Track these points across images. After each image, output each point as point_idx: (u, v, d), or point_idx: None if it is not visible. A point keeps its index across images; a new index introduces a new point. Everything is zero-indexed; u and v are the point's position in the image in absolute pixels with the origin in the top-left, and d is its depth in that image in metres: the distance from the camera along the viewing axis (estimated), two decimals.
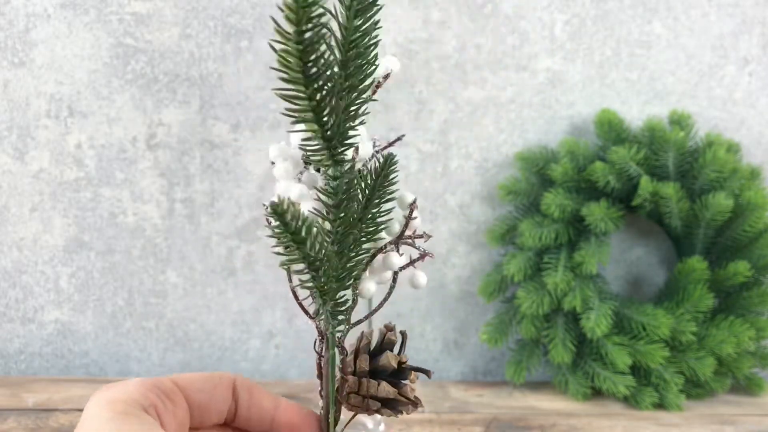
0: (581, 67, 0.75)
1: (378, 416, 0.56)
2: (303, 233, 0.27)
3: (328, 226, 0.30)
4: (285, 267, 0.29)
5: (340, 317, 0.31)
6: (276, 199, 0.25)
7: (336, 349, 0.32)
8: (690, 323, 0.66)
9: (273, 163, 0.31)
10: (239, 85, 0.72)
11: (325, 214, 0.30)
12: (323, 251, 0.28)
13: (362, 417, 0.56)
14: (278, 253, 0.28)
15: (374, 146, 0.31)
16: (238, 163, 0.73)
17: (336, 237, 0.30)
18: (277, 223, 0.26)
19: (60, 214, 0.73)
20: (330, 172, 0.29)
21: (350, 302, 0.31)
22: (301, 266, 0.28)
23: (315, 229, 0.27)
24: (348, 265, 0.30)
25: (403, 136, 0.32)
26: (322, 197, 0.30)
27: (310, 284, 0.29)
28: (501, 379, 0.77)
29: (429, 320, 0.78)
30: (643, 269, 0.79)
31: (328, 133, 0.28)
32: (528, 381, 0.73)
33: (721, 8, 0.75)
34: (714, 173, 0.68)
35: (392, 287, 0.33)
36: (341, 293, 0.31)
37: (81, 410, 0.27)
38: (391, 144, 0.32)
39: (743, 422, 0.65)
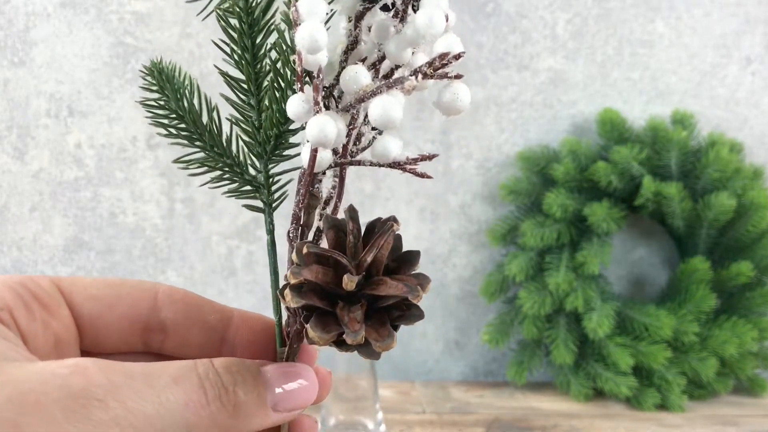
0: (583, 67, 0.74)
1: (379, 416, 0.56)
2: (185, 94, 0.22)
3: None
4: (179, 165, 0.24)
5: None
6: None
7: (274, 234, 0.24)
8: (692, 324, 0.66)
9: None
10: None
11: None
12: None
13: (362, 418, 0.56)
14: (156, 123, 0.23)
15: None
16: None
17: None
18: (156, 82, 0.21)
19: (60, 213, 0.73)
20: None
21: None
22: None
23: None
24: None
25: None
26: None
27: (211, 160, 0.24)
28: (502, 380, 0.77)
29: (430, 320, 0.77)
30: (646, 269, 0.79)
31: None
32: (529, 382, 0.72)
33: (723, 7, 0.75)
34: (717, 173, 0.67)
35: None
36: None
37: None
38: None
39: (746, 423, 0.65)
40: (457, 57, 0.22)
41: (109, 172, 0.72)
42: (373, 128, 0.23)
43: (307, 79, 0.23)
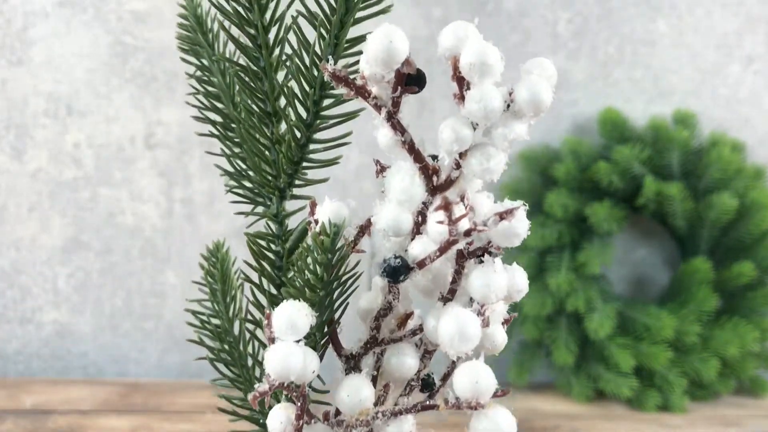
0: (585, 66, 0.74)
1: None
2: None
3: None
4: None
5: None
6: None
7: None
8: (694, 324, 0.66)
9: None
10: None
11: None
12: None
13: None
14: None
15: None
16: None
17: None
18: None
19: (58, 213, 0.72)
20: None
21: None
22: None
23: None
24: None
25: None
26: None
27: None
28: (503, 381, 0.76)
29: None
30: (647, 270, 0.78)
31: None
32: (530, 383, 0.72)
33: (725, 7, 0.74)
34: (718, 173, 0.67)
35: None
36: None
37: (80, 411, 0.26)
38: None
39: (747, 424, 0.64)
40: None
41: (108, 172, 0.72)
42: None
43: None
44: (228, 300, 0.31)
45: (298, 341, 0.23)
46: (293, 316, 0.23)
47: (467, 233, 0.21)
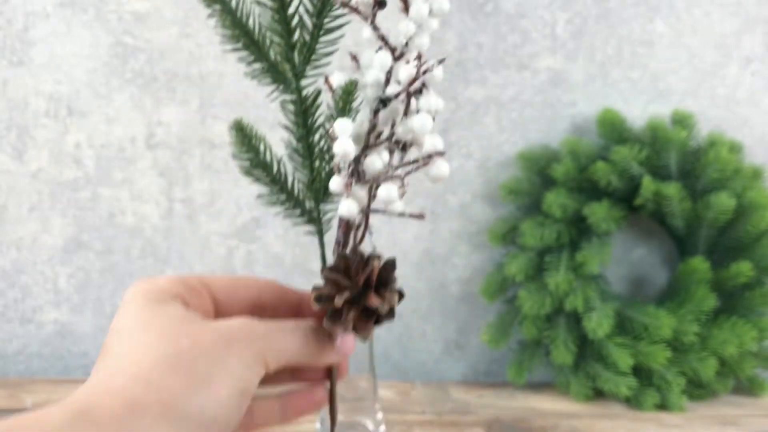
0: (583, 66, 0.74)
1: (379, 416, 0.56)
2: (260, 148, 0.34)
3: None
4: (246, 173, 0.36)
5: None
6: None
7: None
8: (692, 324, 0.66)
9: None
10: (239, 84, 0.72)
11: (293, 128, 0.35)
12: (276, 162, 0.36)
13: (362, 418, 0.56)
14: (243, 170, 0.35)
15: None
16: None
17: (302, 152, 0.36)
18: (237, 137, 0.34)
19: (59, 213, 0.72)
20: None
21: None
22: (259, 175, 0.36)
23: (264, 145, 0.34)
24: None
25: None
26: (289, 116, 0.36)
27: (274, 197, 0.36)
28: (502, 380, 0.77)
29: (430, 321, 0.77)
30: (645, 269, 0.79)
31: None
32: (529, 382, 0.72)
33: (723, 7, 0.75)
34: (716, 173, 0.67)
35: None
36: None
37: None
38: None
39: (746, 423, 0.65)
40: (441, 154, 0.32)
41: (108, 172, 0.72)
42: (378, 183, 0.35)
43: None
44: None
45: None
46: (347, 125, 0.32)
47: (417, 75, 0.33)
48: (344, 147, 0.32)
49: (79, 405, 0.26)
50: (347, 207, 0.32)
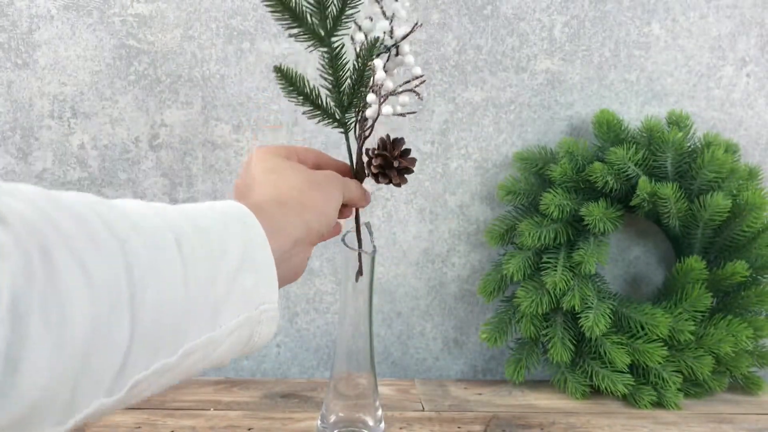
0: (580, 68, 0.75)
1: (379, 413, 0.57)
2: (299, 83, 0.49)
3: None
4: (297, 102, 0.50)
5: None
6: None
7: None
8: (688, 322, 0.66)
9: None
10: (241, 86, 0.72)
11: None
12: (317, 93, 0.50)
13: (362, 415, 0.56)
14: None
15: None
16: (240, 164, 0.73)
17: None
18: (281, 79, 0.48)
19: None
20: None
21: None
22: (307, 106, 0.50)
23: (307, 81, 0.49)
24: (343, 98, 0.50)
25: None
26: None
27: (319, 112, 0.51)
28: (501, 378, 0.77)
29: (429, 319, 0.78)
30: (642, 269, 0.79)
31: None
32: (527, 379, 0.73)
33: (719, 9, 0.75)
34: (712, 173, 0.68)
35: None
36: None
37: None
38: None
39: (741, 421, 0.65)
40: (420, 77, 0.50)
41: (112, 172, 0.73)
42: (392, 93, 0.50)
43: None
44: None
45: None
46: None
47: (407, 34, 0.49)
48: (380, 74, 0.48)
49: (250, 204, 0.38)
50: (372, 111, 0.49)
